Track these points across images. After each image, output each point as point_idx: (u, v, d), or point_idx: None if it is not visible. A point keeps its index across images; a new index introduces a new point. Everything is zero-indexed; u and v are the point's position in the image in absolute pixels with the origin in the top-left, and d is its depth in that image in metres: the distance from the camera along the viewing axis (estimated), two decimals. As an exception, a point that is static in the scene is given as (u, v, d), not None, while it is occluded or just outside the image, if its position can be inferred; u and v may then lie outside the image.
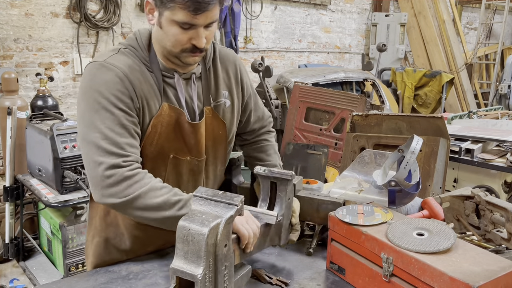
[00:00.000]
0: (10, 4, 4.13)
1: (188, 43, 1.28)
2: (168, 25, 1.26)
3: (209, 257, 1.02)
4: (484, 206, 1.44)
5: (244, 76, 1.57)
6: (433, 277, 1.06)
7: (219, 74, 1.48)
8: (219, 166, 1.59)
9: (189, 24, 1.24)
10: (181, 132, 1.39)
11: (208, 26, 1.28)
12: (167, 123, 1.36)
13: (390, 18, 7.61)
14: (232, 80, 1.51)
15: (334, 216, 1.37)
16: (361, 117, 2.53)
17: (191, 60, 1.33)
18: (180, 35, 1.26)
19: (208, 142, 1.46)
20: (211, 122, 1.45)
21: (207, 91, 1.44)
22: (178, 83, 1.39)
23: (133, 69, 1.32)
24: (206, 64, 1.45)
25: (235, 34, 5.95)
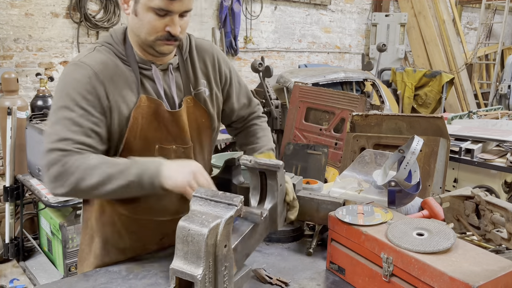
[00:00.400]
0: (10, 4, 4.13)
1: (163, 31, 1.30)
2: (144, 12, 1.28)
3: (209, 258, 1.03)
4: (484, 206, 1.44)
5: (222, 64, 1.57)
6: (433, 277, 1.06)
7: (196, 64, 1.50)
8: (206, 155, 1.60)
9: (164, 10, 1.27)
10: (163, 121, 1.40)
11: (183, 15, 1.32)
12: (147, 114, 1.37)
13: (390, 18, 7.61)
14: (210, 68, 1.53)
15: (334, 216, 1.37)
16: (361, 117, 2.53)
17: (165, 48, 1.35)
18: (155, 21, 1.29)
19: (193, 131, 1.48)
20: (193, 111, 1.46)
21: (187, 81, 1.46)
22: (156, 74, 1.40)
23: (107, 65, 1.34)
24: (183, 55, 1.47)
25: (235, 34, 5.95)
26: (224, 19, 5.82)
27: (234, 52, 6.06)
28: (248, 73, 6.29)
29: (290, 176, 1.61)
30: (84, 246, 1.56)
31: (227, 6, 5.78)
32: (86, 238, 1.55)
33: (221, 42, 5.93)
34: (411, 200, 1.53)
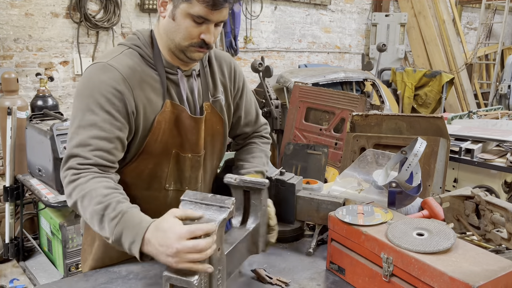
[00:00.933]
0: (10, 4, 4.13)
1: (198, 38, 1.31)
2: (182, 17, 1.29)
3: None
4: (484, 206, 1.44)
5: (237, 76, 1.60)
6: (433, 277, 1.06)
7: (215, 72, 1.52)
8: (215, 161, 1.61)
9: (203, 18, 1.28)
10: (183, 128, 1.41)
11: (218, 24, 1.33)
12: (169, 119, 1.38)
13: (390, 18, 7.61)
14: (227, 78, 1.55)
15: (334, 216, 1.37)
16: (361, 117, 2.53)
17: (197, 55, 1.36)
18: (192, 28, 1.30)
19: (207, 137, 1.49)
20: (210, 117, 1.48)
21: (206, 88, 1.48)
22: (181, 79, 1.41)
23: (135, 70, 1.34)
24: (203, 62, 1.49)
25: (235, 34, 5.95)
26: (224, 19, 5.83)
27: (234, 52, 6.06)
28: (248, 73, 6.29)
29: (290, 176, 1.61)
30: (86, 247, 1.57)
31: (227, 6, 5.79)
32: (88, 239, 1.55)
33: (221, 42, 5.93)
34: (411, 201, 1.53)
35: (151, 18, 5.28)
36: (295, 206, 1.58)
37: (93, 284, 1.33)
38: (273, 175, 1.61)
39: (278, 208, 1.60)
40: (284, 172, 1.62)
